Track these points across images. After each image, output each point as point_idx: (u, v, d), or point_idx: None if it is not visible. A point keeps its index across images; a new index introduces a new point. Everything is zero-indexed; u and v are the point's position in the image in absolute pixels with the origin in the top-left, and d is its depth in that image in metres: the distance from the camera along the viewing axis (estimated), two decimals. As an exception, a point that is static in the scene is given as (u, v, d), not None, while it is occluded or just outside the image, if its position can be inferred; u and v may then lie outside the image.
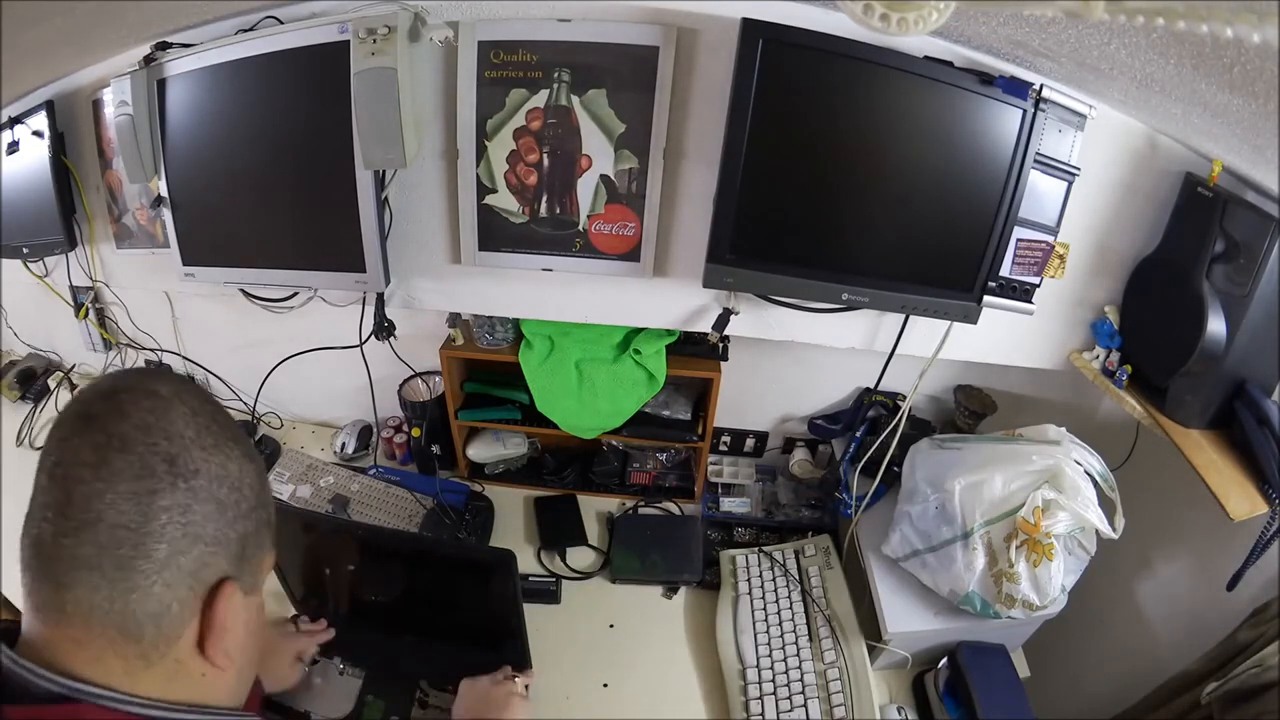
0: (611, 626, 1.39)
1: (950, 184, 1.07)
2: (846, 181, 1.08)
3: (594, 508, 1.63)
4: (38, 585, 0.53)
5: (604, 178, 1.17)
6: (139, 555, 0.52)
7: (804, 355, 1.48)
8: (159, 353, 1.82)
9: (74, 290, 1.73)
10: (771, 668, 1.25)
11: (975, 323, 1.16)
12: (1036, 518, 1.08)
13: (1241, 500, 1.00)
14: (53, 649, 0.53)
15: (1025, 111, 1.02)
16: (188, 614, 0.56)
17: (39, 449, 1.71)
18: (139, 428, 0.53)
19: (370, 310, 1.38)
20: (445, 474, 1.66)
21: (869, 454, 1.39)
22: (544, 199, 1.19)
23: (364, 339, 1.42)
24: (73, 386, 1.86)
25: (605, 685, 1.28)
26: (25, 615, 0.54)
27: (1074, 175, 1.10)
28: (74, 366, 1.93)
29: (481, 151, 1.17)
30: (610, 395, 1.45)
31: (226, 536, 0.57)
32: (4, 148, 1.45)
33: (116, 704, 0.53)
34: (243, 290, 1.46)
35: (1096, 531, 1.10)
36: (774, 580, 1.40)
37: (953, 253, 1.11)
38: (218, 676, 0.60)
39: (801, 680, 1.23)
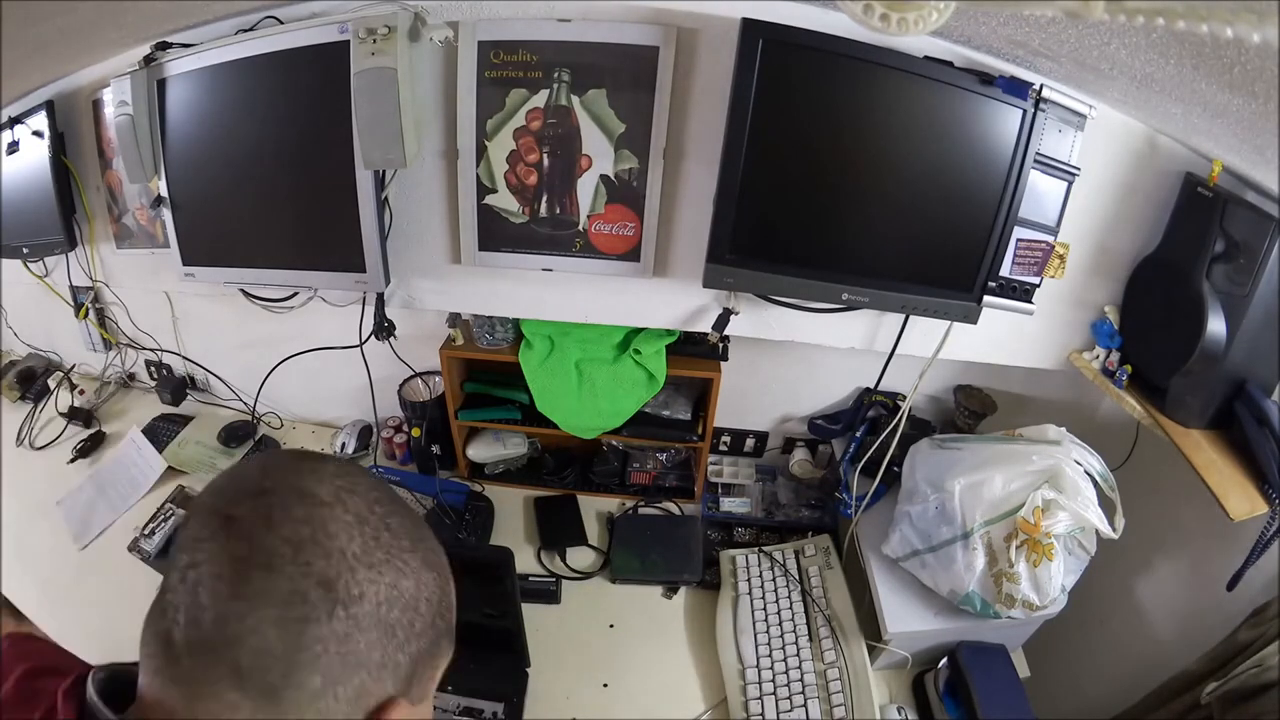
0: (611, 626, 1.39)
1: (950, 184, 1.07)
2: (846, 182, 1.08)
3: (594, 508, 1.63)
4: (162, 683, 0.45)
5: (604, 178, 1.17)
6: (288, 685, 0.44)
7: (804, 355, 1.48)
8: (159, 352, 1.82)
9: (74, 290, 1.73)
10: (771, 668, 1.25)
11: (975, 323, 1.16)
12: (1036, 518, 1.08)
13: (1241, 500, 1.00)
14: None
15: (1025, 111, 1.02)
16: None
17: (39, 449, 1.74)
18: (289, 542, 0.44)
19: (370, 310, 1.38)
20: (445, 474, 1.66)
21: (869, 454, 1.39)
22: (544, 199, 1.19)
23: (364, 339, 1.42)
24: (73, 386, 1.86)
25: (605, 685, 1.28)
26: (147, 694, 0.46)
27: (1074, 175, 1.10)
28: (74, 366, 1.93)
29: (481, 151, 1.17)
30: (610, 395, 1.45)
31: (395, 661, 0.48)
32: (4, 148, 1.45)
33: None
34: (243, 290, 1.46)
35: (1096, 531, 1.10)
36: (774, 580, 1.40)
37: (953, 253, 1.11)
38: None
39: (801, 680, 1.23)
